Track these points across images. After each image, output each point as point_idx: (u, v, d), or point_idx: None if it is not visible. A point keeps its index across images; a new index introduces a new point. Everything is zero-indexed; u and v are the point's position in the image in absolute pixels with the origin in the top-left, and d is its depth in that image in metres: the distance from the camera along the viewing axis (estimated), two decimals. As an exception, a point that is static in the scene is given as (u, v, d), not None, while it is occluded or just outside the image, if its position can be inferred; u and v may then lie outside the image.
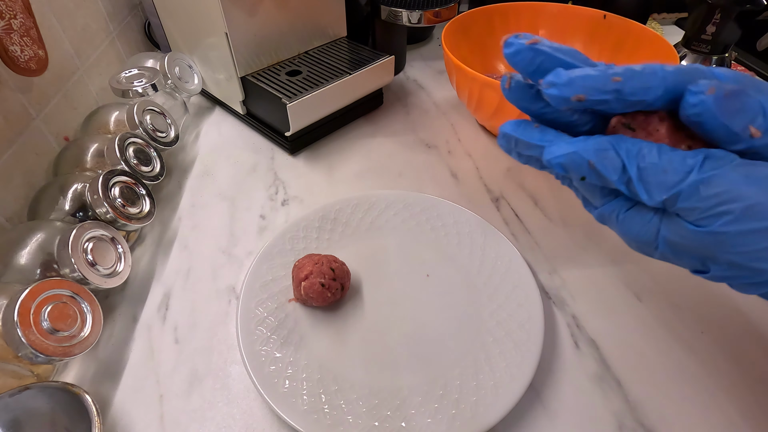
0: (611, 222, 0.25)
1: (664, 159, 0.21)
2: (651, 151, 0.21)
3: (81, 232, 0.36)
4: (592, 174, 0.22)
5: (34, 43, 0.40)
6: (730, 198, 0.19)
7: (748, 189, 0.19)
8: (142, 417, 0.33)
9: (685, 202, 0.20)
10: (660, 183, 0.21)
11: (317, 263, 0.37)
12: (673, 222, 0.22)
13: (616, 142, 0.22)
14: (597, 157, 0.22)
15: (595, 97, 0.21)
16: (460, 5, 0.69)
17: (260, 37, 0.55)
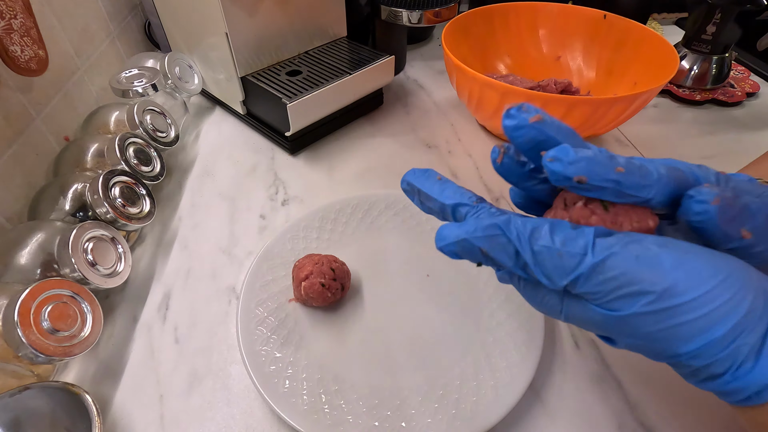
0: (514, 286, 0.25)
1: (557, 240, 0.20)
2: (543, 233, 0.20)
3: (81, 232, 0.36)
4: (486, 260, 0.22)
5: (35, 43, 0.40)
6: (628, 281, 0.19)
7: (643, 271, 0.19)
8: (142, 417, 0.33)
9: (585, 286, 0.20)
10: (557, 267, 0.20)
11: (317, 263, 0.37)
12: (577, 302, 0.21)
13: (506, 225, 0.21)
14: (488, 244, 0.21)
15: (596, 183, 0.20)
16: (460, 5, 0.69)
17: (260, 37, 0.55)
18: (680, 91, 0.66)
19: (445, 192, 0.25)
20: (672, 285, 0.19)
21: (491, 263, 0.22)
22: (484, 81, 0.48)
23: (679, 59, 0.61)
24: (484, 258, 0.22)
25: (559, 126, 0.22)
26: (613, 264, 0.19)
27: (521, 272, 0.22)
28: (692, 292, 0.18)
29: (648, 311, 0.19)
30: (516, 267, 0.21)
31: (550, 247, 0.20)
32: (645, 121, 0.62)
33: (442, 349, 0.36)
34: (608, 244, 0.20)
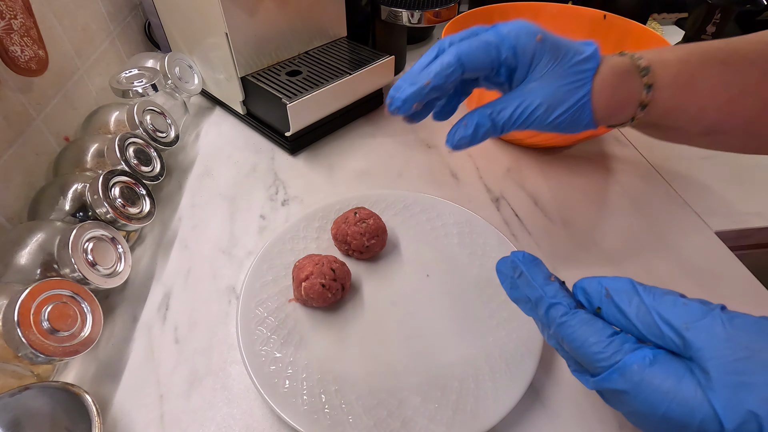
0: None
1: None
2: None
3: (81, 232, 0.36)
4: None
5: (35, 43, 0.40)
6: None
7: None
8: (142, 417, 0.33)
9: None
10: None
11: (318, 264, 0.37)
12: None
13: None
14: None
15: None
16: (460, 5, 0.69)
17: (260, 37, 0.55)
18: (680, 91, 0.66)
19: (549, 287, 0.26)
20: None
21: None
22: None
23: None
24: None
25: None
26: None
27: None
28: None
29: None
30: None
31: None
32: (645, 121, 0.62)
33: (442, 350, 0.36)
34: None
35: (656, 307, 0.22)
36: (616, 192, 0.51)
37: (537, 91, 0.29)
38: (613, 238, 0.45)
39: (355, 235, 0.40)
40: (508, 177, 0.53)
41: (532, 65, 0.29)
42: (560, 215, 0.48)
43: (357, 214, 0.41)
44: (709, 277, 0.42)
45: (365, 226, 0.40)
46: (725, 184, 0.51)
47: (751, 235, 0.48)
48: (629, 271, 0.42)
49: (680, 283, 0.41)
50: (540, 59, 0.29)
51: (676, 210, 0.49)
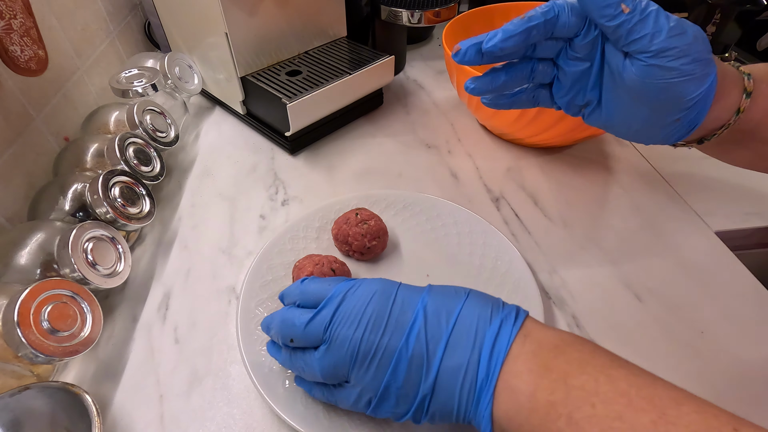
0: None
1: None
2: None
3: (81, 232, 0.36)
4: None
5: (34, 43, 0.40)
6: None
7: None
8: (142, 417, 0.33)
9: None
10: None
11: (318, 264, 0.37)
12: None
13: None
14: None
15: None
16: (460, 5, 0.69)
17: (260, 37, 0.55)
18: (680, 91, 0.66)
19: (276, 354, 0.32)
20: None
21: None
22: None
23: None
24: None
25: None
26: None
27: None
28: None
29: None
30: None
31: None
32: (645, 121, 0.62)
33: (442, 349, 0.36)
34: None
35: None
36: (616, 192, 0.51)
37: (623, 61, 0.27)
38: (613, 238, 0.45)
39: (356, 236, 0.40)
40: (508, 177, 0.53)
41: (605, 38, 0.27)
42: (560, 215, 0.48)
43: (358, 215, 0.41)
44: (709, 277, 0.42)
45: (366, 228, 0.40)
46: (725, 184, 0.51)
47: (751, 235, 0.48)
48: (629, 271, 0.42)
49: (680, 283, 0.41)
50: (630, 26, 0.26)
51: (676, 210, 0.49)
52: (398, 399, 0.26)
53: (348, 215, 0.42)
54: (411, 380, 0.25)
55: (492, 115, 0.53)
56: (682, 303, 0.40)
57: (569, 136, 0.52)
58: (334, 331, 0.26)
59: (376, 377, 0.25)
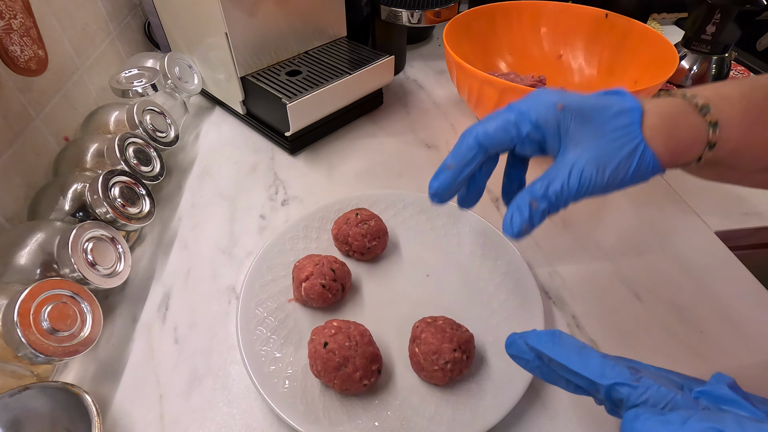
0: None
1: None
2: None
3: (81, 232, 0.36)
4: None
5: (34, 43, 0.40)
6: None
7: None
8: (142, 417, 0.33)
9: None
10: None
11: (318, 264, 0.37)
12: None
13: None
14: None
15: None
16: (460, 5, 0.69)
17: (260, 37, 0.55)
18: (680, 91, 0.66)
19: (591, 364, 0.22)
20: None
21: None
22: (484, 78, 0.48)
23: (679, 59, 0.61)
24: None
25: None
26: None
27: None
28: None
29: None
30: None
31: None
32: (645, 121, 0.62)
33: (442, 349, 0.36)
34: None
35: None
36: (616, 192, 0.51)
37: (580, 157, 0.27)
38: (613, 238, 0.45)
39: (356, 237, 0.40)
40: (508, 177, 0.53)
41: (561, 134, 0.28)
42: (560, 215, 0.48)
43: (358, 215, 0.41)
44: (709, 277, 0.42)
45: (367, 228, 0.40)
46: (725, 184, 0.51)
47: (751, 235, 0.48)
48: (629, 271, 0.42)
49: (680, 283, 0.41)
50: (567, 126, 0.28)
51: (676, 210, 0.49)
52: None
53: (348, 215, 0.42)
54: None
55: (492, 111, 0.53)
56: (682, 303, 0.40)
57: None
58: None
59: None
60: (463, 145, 0.29)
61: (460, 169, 0.30)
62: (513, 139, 0.29)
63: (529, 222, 0.29)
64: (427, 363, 0.32)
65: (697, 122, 0.27)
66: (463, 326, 0.34)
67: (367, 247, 0.40)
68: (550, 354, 0.23)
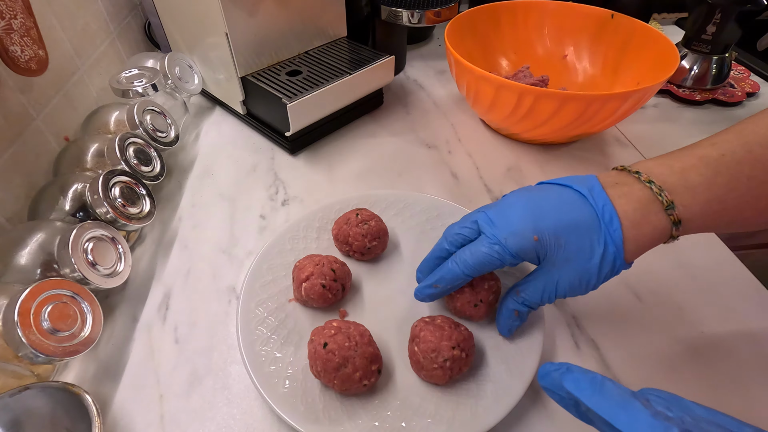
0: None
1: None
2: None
3: (81, 232, 0.36)
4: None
5: (35, 43, 0.40)
6: None
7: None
8: (142, 417, 0.33)
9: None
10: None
11: (318, 264, 0.37)
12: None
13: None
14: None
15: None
16: (460, 5, 0.69)
17: (260, 37, 0.55)
18: (680, 91, 0.66)
19: (638, 423, 0.19)
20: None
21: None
22: (480, 74, 0.49)
23: (680, 59, 0.61)
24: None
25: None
26: None
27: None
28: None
29: None
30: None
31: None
32: (645, 121, 0.62)
33: (442, 349, 0.36)
34: None
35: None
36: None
37: (556, 277, 0.30)
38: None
39: (356, 237, 0.40)
40: (508, 176, 0.53)
41: (539, 257, 0.31)
42: (560, 215, 0.48)
43: (359, 215, 0.41)
44: (709, 277, 0.42)
45: (367, 228, 0.40)
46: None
47: (751, 235, 0.48)
48: (629, 271, 0.42)
49: (680, 283, 0.41)
50: (545, 253, 0.30)
51: (677, 210, 0.48)
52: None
53: (348, 215, 0.42)
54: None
55: (488, 108, 0.53)
56: (682, 303, 0.40)
57: (564, 132, 0.52)
58: None
59: None
60: (450, 274, 0.33)
61: (444, 289, 0.34)
62: (497, 267, 0.32)
63: (520, 322, 0.34)
64: (426, 361, 0.32)
65: (662, 220, 0.29)
66: (462, 325, 0.34)
67: (368, 248, 0.40)
68: (590, 405, 0.21)
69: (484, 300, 0.35)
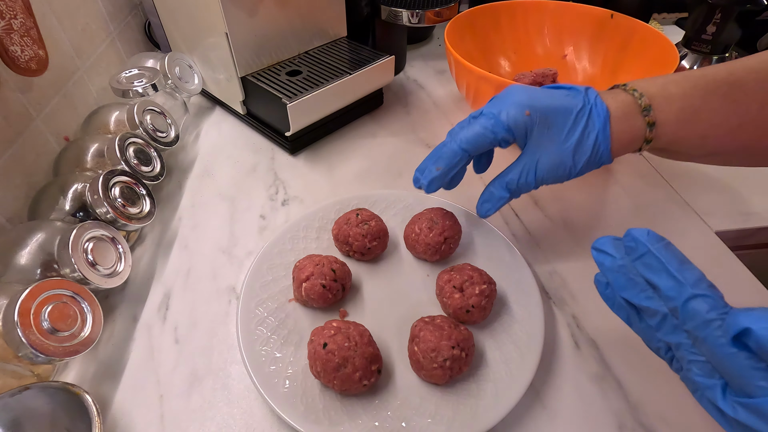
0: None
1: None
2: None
3: (81, 232, 0.36)
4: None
5: (35, 43, 0.40)
6: None
7: None
8: (142, 417, 0.33)
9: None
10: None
11: (318, 264, 0.37)
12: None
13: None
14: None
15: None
16: (460, 5, 0.69)
17: (260, 37, 0.55)
18: (680, 91, 0.66)
19: (687, 273, 0.23)
20: None
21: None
22: (480, 74, 0.49)
23: (680, 59, 0.61)
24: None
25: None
26: None
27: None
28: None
29: None
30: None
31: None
32: (645, 121, 0.62)
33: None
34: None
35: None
36: (616, 192, 0.51)
37: (539, 158, 0.34)
38: (613, 238, 0.45)
39: (356, 237, 0.40)
40: (508, 177, 0.53)
41: (528, 135, 0.34)
42: (560, 215, 0.48)
43: (359, 215, 0.41)
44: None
45: (367, 228, 0.40)
46: (725, 184, 0.51)
47: (751, 235, 0.48)
48: (629, 271, 0.42)
49: (680, 283, 0.41)
50: (532, 130, 0.33)
51: (676, 210, 0.48)
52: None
53: (348, 215, 0.42)
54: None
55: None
56: (682, 303, 0.40)
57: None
58: None
59: None
60: (449, 151, 0.35)
61: (446, 171, 0.35)
62: (491, 143, 0.34)
63: (496, 207, 0.37)
64: (426, 361, 0.32)
65: (639, 120, 0.32)
66: (462, 325, 0.34)
67: (368, 248, 0.40)
68: (652, 248, 0.23)
69: (477, 305, 0.35)
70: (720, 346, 0.20)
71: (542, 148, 0.33)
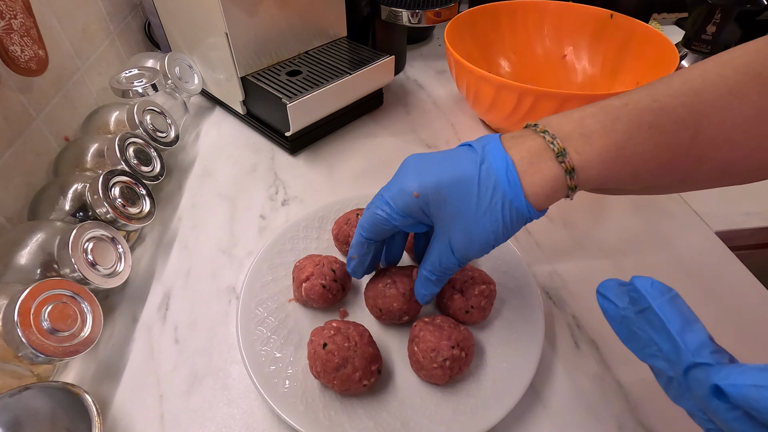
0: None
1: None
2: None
3: (81, 232, 0.36)
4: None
5: (35, 43, 0.40)
6: None
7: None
8: (142, 417, 0.33)
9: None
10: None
11: (318, 264, 0.37)
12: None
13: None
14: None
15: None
16: (460, 5, 0.69)
17: (260, 37, 0.55)
18: (680, 91, 0.66)
19: (689, 335, 0.19)
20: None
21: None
22: (480, 75, 0.49)
23: (680, 59, 0.61)
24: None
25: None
26: None
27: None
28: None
29: None
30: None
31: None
32: (645, 121, 0.62)
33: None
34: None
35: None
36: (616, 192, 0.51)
37: (449, 237, 0.30)
38: (613, 238, 0.45)
39: None
40: (508, 177, 0.53)
41: (428, 215, 0.30)
42: (560, 215, 0.48)
43: (359, 215, 0.41)
44: (709, 277, 0.42)
45: None
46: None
47: (751, 235, 0.48)
48: (629, 271, 0.42)
49: (680, 284, 0.41)
50: (428, 210, 0.30)
51: (676, 210, 0.49)
52: None
53: (348, 215, 0.42)
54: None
55: (488, 108, 0.53)
56: (682, 303, 0.40)
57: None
58: None
59: None
60: (355, 241, 0.34)
61: (362, 258, 0.34)
62: (392, 229, 0.32)
63: (432, 291, 0.33)
64: (426, 361, 0.32)
65: (553, 167, 0.27)
66: (462, 325, 0.34)
67: None
68: (653, 303, 0.20)
69: (476, 306, 0.35)
70: (733, 420, 0.17)
71: (449, 225, 0.29)
